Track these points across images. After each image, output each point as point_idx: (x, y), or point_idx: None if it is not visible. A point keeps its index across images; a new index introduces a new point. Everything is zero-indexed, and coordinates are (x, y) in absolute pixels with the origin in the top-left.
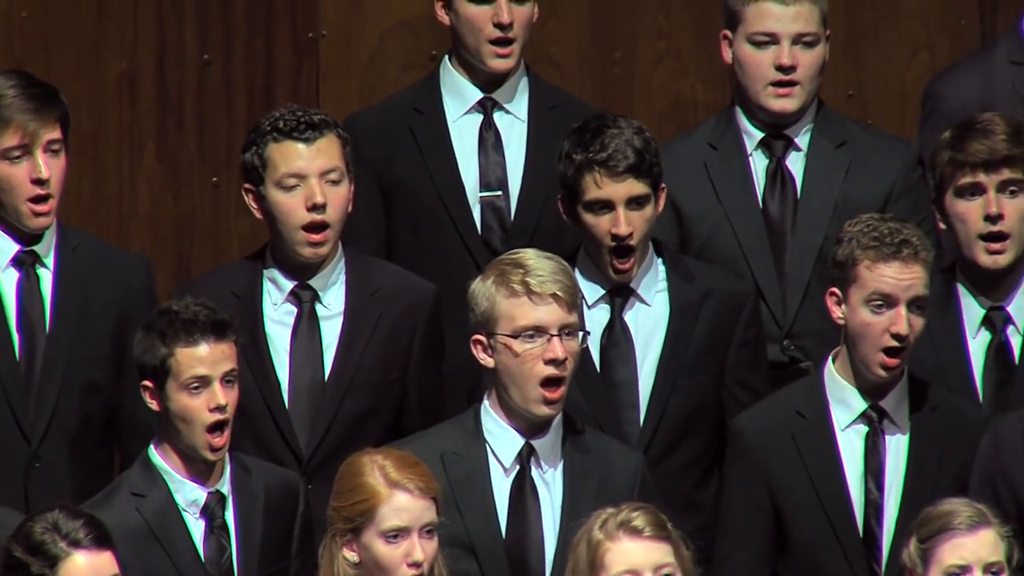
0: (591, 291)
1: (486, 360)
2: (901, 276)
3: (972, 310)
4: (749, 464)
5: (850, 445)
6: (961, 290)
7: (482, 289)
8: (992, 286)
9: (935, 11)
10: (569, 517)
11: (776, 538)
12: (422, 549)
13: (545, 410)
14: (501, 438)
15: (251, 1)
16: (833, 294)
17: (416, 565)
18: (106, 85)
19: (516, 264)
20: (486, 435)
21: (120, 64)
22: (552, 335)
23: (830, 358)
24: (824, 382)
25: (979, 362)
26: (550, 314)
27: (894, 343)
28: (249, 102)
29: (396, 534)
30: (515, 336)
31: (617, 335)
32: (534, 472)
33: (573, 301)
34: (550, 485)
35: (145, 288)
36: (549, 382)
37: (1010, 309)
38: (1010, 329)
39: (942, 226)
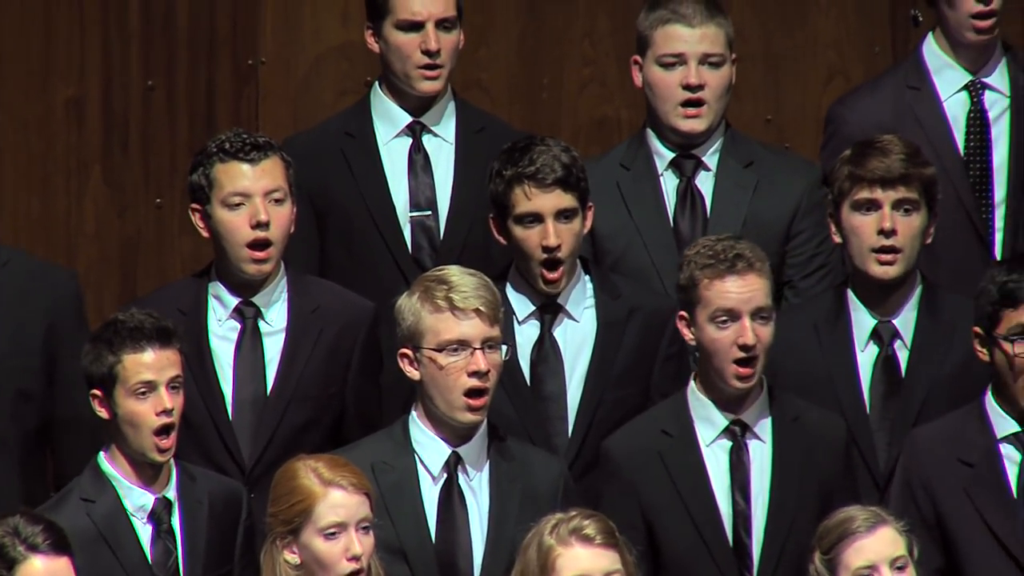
0: (522, 307)
1: (412, 373)
2: (740, 290)
3: (862, 324)
4: (620, 484)
5: (716, 460)
6: (852, 304)
7: (408, 305)
8: (881, 301)
9: (850, 39)
10: (496, 522)
11: (651, 555)
12: (360, 543)
13: (470, 417)
14: (428, 447)
15: (193, 29)
16: (682, 317)
17: (355, 559)
18: (54, 109)
19: (440, 280)
20: (414, 445)
21: (68, 89)
22: (475, 348)
23: (691, 378)
24: (688, 401)
25: (867, 374)
26: (473, 328)
27: (743, 354)
28: (191, 126)
29: (334, 530)
30: (439, 350)
31: (547, 350)
32: (461, 479)
33: (495, 316)
34: (476, 492)
35: (73, 300)
36: (472, 392)
37: (898, 324)
38: (897, 343)
39: (837, 238)
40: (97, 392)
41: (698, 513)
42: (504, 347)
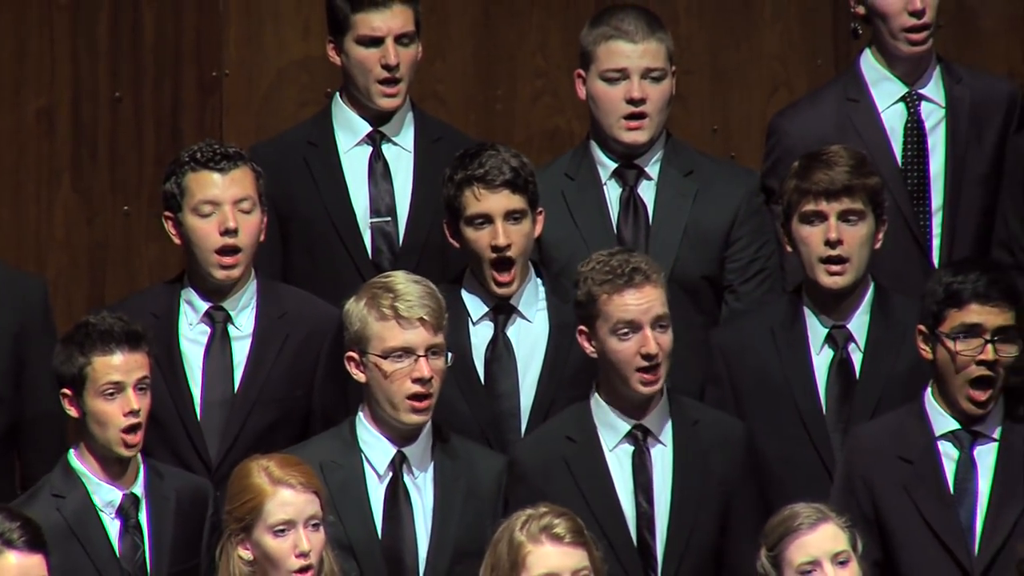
0: (476, 308)
1: (358, 375)
2: (639, 302)
3: (816, 329)
4: (528, 489)
5: (619, 464)
6: (806, 310)
7: (355, 310)
8: (834, 306)
9: (794, 52)
10: (440, 518)
11: None
12: (308, 540)
13: (414, 419)
14: (375, 447)
15: (159, 43)
16: (582, 332)
17: (304, 555)
18: (25, 120)
19: (386, 288)
20: (361, 445)
21: (38, 101)
22: (419, 356)
23: (594, 386)
24: (591, 408)
25: (823, 377)
26: (417, 336)
27: (646, 363)
28: (158, 136)
29: (283, 528)
30: (385, 356)
31: (500, 350)
32: (406, 478)
33: (439, 323)
34: (421, 489)
35: (42, 307)
36: (416, 397)
37: (851, 327)
38: (851, 346)
39: (789, 249)
40: (67, 392)
41: (603, 515)
42: (449, 354)
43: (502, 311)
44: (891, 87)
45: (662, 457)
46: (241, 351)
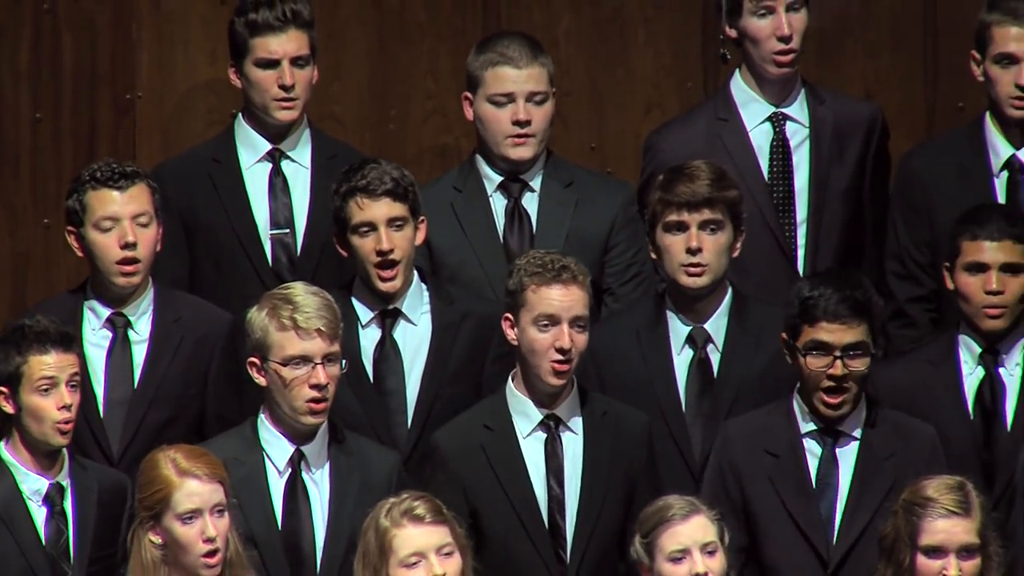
0: (364, 313)
1: (260, 379)
2: (563, 298)
3: (678, 330)
4: (447, 474)
5: (532, 450)
6: (669, 313)
7: (257, 319)
8: (695, 309)
9: (665, 75)
10: (335, 511)
11: (475, 537)
12: (214, 526)
13: (311, 420)
14: (275, 445)
15: (77, 67)
16: (507, 319)
17: (210, 540)
18: None
19: (286, 300)
20: (262, 443)
21: None
22: (316, 363)
23: (511, 377)
24: (507, 398)
25: (683, 375)
26: (314, 346)
27: (560, 356)
28: (75, 154)
29: (190, 515)
30: (284, 364)
31: (387, 351)
32: (304, 474)
33: (335, 333)
34: (318, 484)
35: None
36: (313, 401)
37: (710, 329)
38: (710, 347)
39: (654, 256)
40: (4, 389)
41: (517, 498)
42: (343, 361)
43: (389, 315)
44: (759, 108)
45: (573, 445)
46: (140, 353)
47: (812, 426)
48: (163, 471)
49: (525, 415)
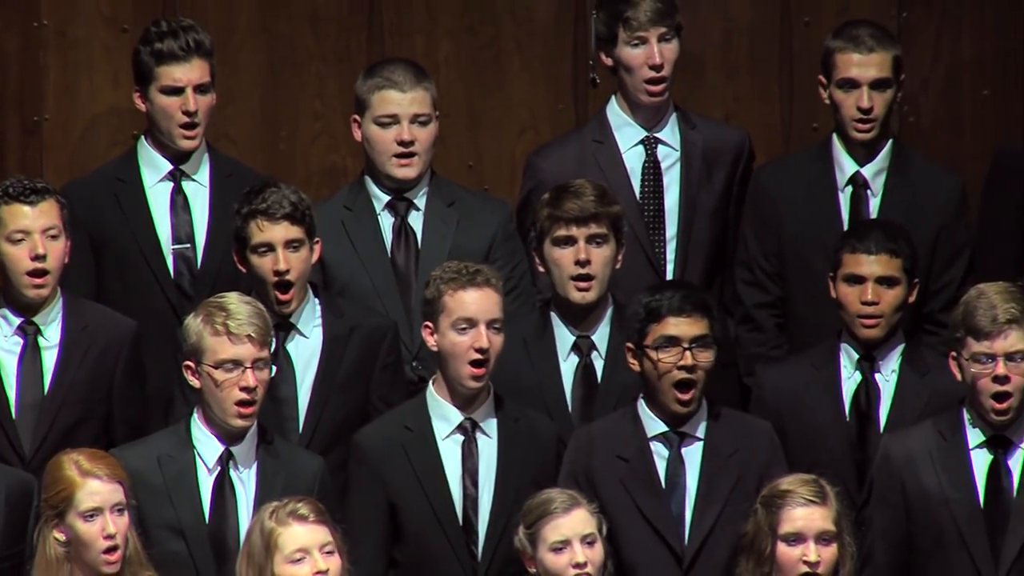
0: None
1: (194, 382)
2: (479, 301)
3: (564, 338)
4: (367, 471)
5: (450, 451)
6: (555, 321)
7: (192, 325)
8: (581, 318)
9: (538, 99)
10: (260, 509)
11: (393, 530)
12: (114, 524)
13: (240, 422)
14: (206, 444)
15: None
16: (427, 327)
17: (110, 537)
18: None
19: (220, 308)
20: (194, 442)
21: None
22: (246, 367)
23: (431, 381)
24: (427, 401)
25: (569, 381)
26: (245, 351)
27: (479, 356)
28: None
29: (92, 514)
30: (216, 367)
31: (281, 361)
32: (232, 472)
33: (265, 340)
34: (245, 483)
35: None
36: (243, 403)
37: (595, 338)
38: (595, 354)
39: (541, 269)
40: None
41: (434, 496)
42: (273, 367)
43: (283, 328)
44: (632, 131)
45: (487, 447)
46: (50, 359)
47: (658, 429)
48: (66, 472)
49: (444, 418)
